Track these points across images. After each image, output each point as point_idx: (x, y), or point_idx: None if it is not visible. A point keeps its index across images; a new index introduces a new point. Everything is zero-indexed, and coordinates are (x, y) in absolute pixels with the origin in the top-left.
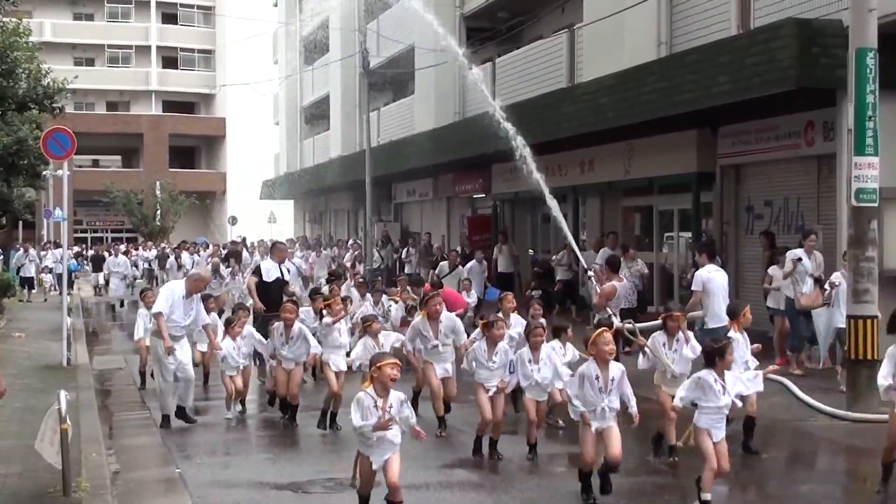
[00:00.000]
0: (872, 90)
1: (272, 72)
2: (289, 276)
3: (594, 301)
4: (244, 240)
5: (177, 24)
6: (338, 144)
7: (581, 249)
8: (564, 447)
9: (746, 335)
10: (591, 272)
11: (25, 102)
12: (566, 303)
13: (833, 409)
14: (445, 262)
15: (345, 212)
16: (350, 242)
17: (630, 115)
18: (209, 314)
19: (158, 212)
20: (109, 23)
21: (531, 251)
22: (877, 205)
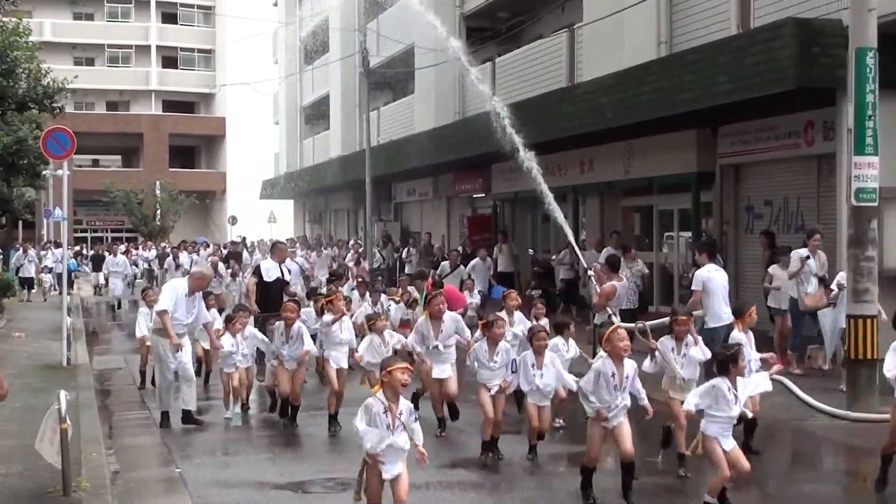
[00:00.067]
0: (872, 90)
1: (272, 71)
2: (289, 276)
3: (594, 301)
4: (244, 239)
5: (177, 24)
6: (338, 144)
7: (581, 249)
8: (565, 447)
9: (752, 334)
10: (592, 272)
11: (25, 102)
12: (569, 303)
13: (833, 409)
14: (447, 262)
15: (345, 211)
16: (351, 242)
17: (630, 115)
18: (209, 311)
19: (158, 211)
20: (109, 22)
21: (531, 251)
22: (877, 204)
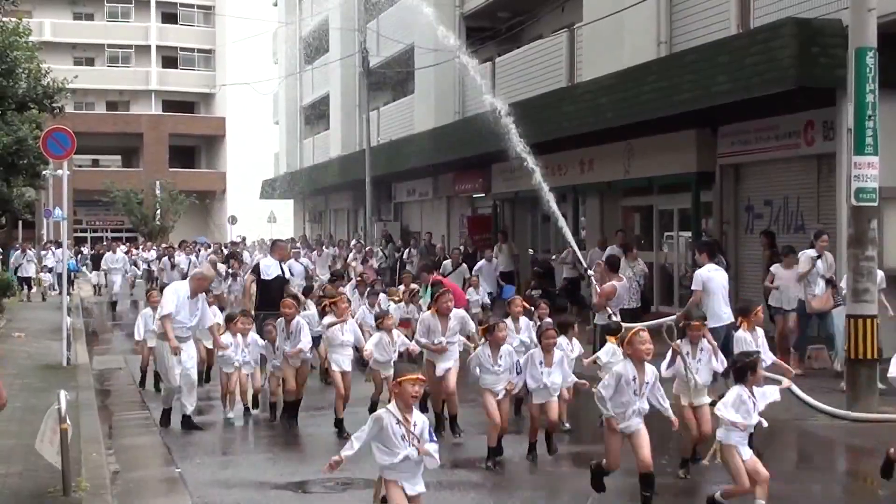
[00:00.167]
0: (872, 90)
1: (272, 71)
2: (291, 276)
3: (594, 301)
4: (244, 239)
5: (177, 24)
6: (337, 144)
7: (581, 248)
8: (565, 447)
9: (761, 332)
10: (592, 272)
11: (25, 102)
12: (572, 303)
13: (833, 409)
14: (448, 261)
15: (345, 211)
16: (353, 242)
17: (629, 115)
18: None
19: (158, 211)
20: (109, 22)
21: (531, 251)
22: (876, 204)
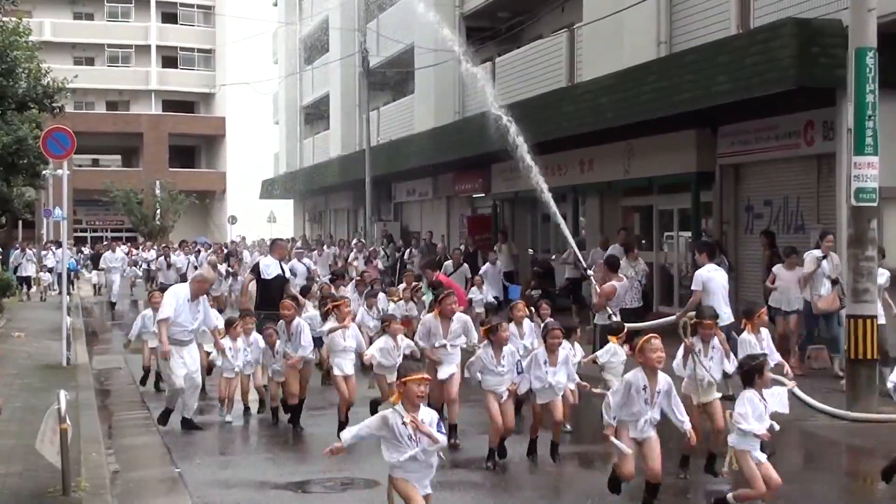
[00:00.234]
0: (872, 90)
1: (272, 71)
2: (293, 276)
3: (594, 301)
4: (243, 239)
5: (177, 24)
6: (337, 144)
7: (580, 249)
8: (566, 447)
9: (766, 334)
10: (592, 272)
11: (25, 102)
12: (572, 302)
13: (833, 409)
14: (450, 262)
15: (345, 211)
16: (354, 242)
17: (629, 115)
18: None
19: (158, 211)
20: (109, 22)
21: (531, 250)
22: (876, 204)
